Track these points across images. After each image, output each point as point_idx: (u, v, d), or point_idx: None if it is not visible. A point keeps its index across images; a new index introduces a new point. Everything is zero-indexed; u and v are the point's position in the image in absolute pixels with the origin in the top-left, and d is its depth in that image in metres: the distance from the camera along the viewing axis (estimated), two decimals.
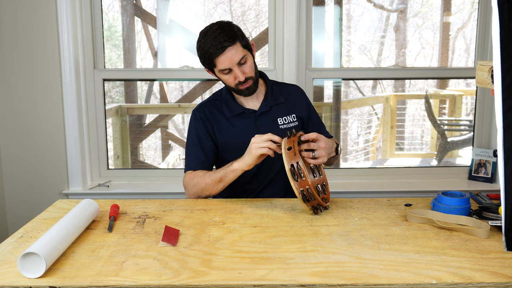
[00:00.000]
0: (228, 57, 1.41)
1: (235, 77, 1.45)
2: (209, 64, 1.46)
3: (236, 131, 1.55)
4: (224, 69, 1.44)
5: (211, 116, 1.57)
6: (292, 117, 1.59)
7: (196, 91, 3.89)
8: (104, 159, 2.25)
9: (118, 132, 3.38)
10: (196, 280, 0.95)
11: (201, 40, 1.44)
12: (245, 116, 1.56)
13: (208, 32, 1.43)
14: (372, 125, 5.23)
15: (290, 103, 1.61)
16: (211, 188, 1.47)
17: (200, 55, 1.46)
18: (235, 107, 1.56)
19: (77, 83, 2.11)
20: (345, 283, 0.93)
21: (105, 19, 2.42)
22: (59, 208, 1.42)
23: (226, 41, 1.39)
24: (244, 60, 1.44)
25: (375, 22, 5.31)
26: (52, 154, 2.16)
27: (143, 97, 4.58)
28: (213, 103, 1.60)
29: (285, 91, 1.63)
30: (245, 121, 1.55)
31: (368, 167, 4.65)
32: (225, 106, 1.57)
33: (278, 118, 1.57)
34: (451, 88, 5.07)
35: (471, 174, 2.27)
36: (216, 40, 1.40)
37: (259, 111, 1.56)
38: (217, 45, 1.40)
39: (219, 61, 1.42)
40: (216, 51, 1.40)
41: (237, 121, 1.56)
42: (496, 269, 0.99)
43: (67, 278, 0.96)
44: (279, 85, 1.65)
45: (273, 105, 1.57)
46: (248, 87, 1.48)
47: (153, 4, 3.54)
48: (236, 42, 1.41)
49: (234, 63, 1.42)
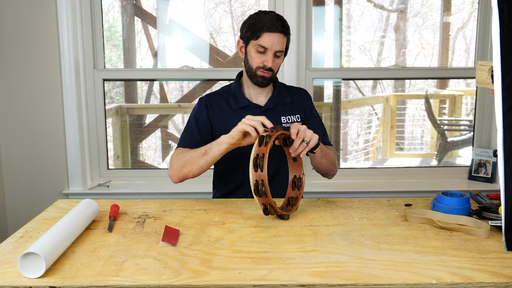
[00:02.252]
0: (275, 40, 1.46)
1: (264, 61, 1.49)
2: (254, 33, 1.48)
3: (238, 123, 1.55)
4: (262, 47, 1.47)
5: (217, 105, 1.59)
6: (297, 117, 1.61)
7: (196, 91, 3.88)
8: (104, 159, 2.25)
9: (118, 132, 3.38)
10: (196, 280, 0.95)
11: (261, 14, 1.50)
12: (250, 110, 1.57)
13: (270, 12, 1.50)
14: (372, 125, 5.23)
15: (296, 104, 1.63)
16: (194, 161, 1.42)
17: (251, 23, 1.49)
18: (242, 100, 1.58)
19: (77, 83, 2.11)
20: (345, 283, 0.93)
21: (105, 19, 2.42)
22: (59, 208, 1.42)
23: (283, 27, 1.47)
24: (280, 55, 1.51)
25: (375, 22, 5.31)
26: (52, 154, 2.16)
27: (143, 97, 4.57)
28: (221, 94, 1.62)
29: (293, 93, 1.66)
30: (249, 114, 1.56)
31: (368, 167, 4.65)
32: (232, 98, 1.59)
33: (282, 117, 1.59)
34: (451, 88, 5.07)
35: (471, 174, 2.27)
36: (276, 21, 1.47)
37: (264, 107, 1.58)
38: (275, 24, 1.46)
39: (265, 36, 1.46)
40: (271, 27, 1.45)
41: (242, 114, 1.56)
42: (496, 269, 0.99)
43: (67, 278, 0.96)
44: (287, 87, 1.69)
45: (279, 103, 1.60)
46: (265, 77, 1.51)
47: (153, 4, 3.54)
48: (286, 36, 1.50)
49: (274, 48, 1.47)
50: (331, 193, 2.14)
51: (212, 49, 3.46)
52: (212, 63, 3.45)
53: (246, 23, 1.52)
